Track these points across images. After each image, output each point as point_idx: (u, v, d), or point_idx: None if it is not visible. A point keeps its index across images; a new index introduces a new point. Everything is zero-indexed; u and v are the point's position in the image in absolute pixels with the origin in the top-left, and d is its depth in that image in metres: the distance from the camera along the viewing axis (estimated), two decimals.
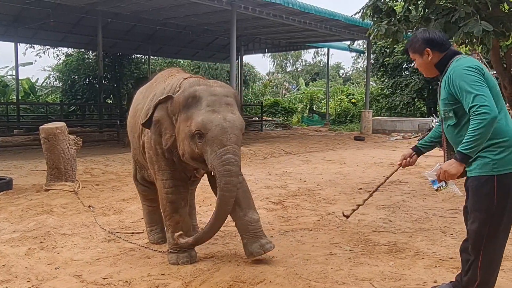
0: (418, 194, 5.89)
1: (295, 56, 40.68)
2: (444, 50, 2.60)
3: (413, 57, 2.74)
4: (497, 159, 2.38)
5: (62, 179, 6.17)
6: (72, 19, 16.22)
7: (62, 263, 3.48)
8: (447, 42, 2.64)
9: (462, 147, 2.33)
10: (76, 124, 17.14)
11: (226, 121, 2.99)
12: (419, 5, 6.26)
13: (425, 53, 2.61)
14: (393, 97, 20.81)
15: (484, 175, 2.41)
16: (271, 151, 11.30)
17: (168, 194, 3.38)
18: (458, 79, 2.40)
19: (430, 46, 2.60)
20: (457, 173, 2.37)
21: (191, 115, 3.03)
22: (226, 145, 2.94)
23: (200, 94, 3.07)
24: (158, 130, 3.24)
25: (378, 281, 3.06)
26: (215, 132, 2.95)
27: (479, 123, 2.26)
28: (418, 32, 2.73)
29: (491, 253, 2.47)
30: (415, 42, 2.67)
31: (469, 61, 2.48)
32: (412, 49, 2.70)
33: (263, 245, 3.32)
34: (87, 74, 21.82)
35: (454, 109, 2.49)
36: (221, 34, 17.61)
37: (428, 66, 2.66)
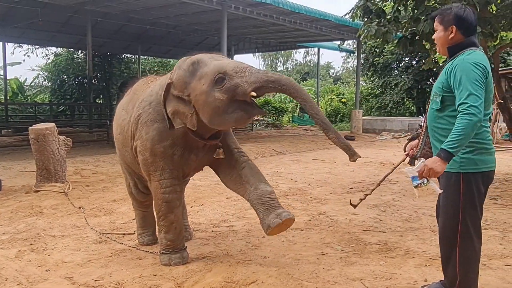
0: (408, 194, 5.93)
1: (286, 55, 40.74)
2: (467, 35, 2.52)
3: (436, 27, 2.62)
4: (465, 157, 2.44)
5: (52, 180, 6.12)
6: (61, 18, 16.10)
7: (53, 265, 3.45)
8: (475, 29, 2.56)
9: (447, 145, 2.32)
10: (66, 125, 17.03)
11: (232, 61, 3.17)
12: (409, 6, 6.31)
13: (450, 29, 2.52)
14: (383, 96, 20.94)
15: (452, 172, 2.46)
16: (262, 151, 11.31)
17: (165, 194, 3.35)
18: (461, 70, 2.38)
19: (458, 25, 2.51)
20: (442, 171, 2.36)
21: (201, 74, 3.08)
22: (247, 67, 3.04)
23: (199, 57, 3.17)
24: (179, 121, 3.16)
25: (369, 280, 3.08)
26: (232, 64, 3.05)
27: (467, 123, 2.28)
28: (454, 4, 2.61)
29: (466, 251, 2.50)
30: (446, 14, 2.55)
31: (479, 58, 2.43)
32: (439, 19, 2.58)
33: (279, 214, 3.06)
34: (77, 74, 21.68)
35: (444, 95, 2.49)
36: (211, 33, 17.59)
37: (445, 43, 2.57)
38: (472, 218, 2.50)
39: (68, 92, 21.71)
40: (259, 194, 3.17)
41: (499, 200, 5.57)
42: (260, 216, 3.16)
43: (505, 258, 3.48)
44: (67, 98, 21.49)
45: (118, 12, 13.77)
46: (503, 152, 10.78)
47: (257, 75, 2.96)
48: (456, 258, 2.52)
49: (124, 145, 3.70)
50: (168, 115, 3.19)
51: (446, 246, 2.58)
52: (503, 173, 7.48)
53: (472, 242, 2.51)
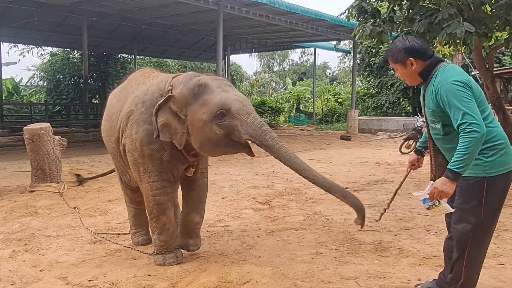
0: (403, 193, 5.93)
1: (282, 55, 40.79)
2: (427, 58, 2.53)
3: (395, 67, 2.63)
4: (489, 161, 2.40)
5: (47, 180, 6.11)
6: (57, 18, 16.03)
7: (47, 265, 3.45)
8: (429, 49, 2.57)
9: (453, 165, 2.29)
10: (61, 125, 16.97)
11: (238, 96, 3.12)
12: (403, 6, 6.33)
13: (409, 63, 2.54)
14: (379, 96, 20.96)
15: (474, 176, 2.42)
16: (258, 151, 11.24)
17: (155, 197, 3.34)
18: (447, 94, 2.36)
19: (412, 56, 2.52)
20: (452, 191, 2.34)
21: (205, 101, 3.06)
22: (251, 113, 3.04)
23: (206, 81, 3.15)
24: (167, 135, 3.17)
25: (363, 279, 3.09)
26: (238, 105, 3.03)
27: (469, 141, 2.25)
28: (397, 41, 2.63)
29: (476, 253, 2.50)
30: (396, 52, 2.57)
31: (456, 74, 2.42)
32: (393, 60, 2.59)
33: (187, 244, 3.59)
34: (72, 74, 21.59)
35: (442, 121, 2.47)
36: (207, 33, 17.55)
37: (412, 75, 2.58)
38: (490, 224, 2.48)
39: (64, 92, 21.61)
40: (188, 220, 3.59)
41: None
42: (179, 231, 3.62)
43: (498, 257, 3.50)
44: (62, 98, 21.40)
45: (114, 11, 13.72)
46: None
47: (256, 130, 3.00)
48: (464, 259, 2.50)
49: (109, 134, 3.71)
50: (157, 124, 3.17)
51: (459, 248, 2.53)
52: None
53: (483, 246, 2.51)
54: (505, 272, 3.21)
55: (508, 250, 3.67)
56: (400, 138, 14.06)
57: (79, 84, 21.05)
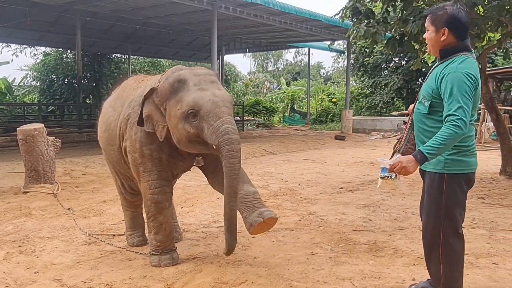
0: (397, 193, 5.98)
1: (276, 55, 40.81)
2: (461, 38, 2.47)
3: (427, 27, 2.54)
4: (450, 158, 2.47)
5: (41, 181, 6.08)
6: (50, 18, 15.95)
7: (42, 267, 3.43)
8: (467, 33, 2.50)
9: (425, 149, 2.34)
10: (55, 125, 16.87)
11: (216, 96, 3.02)
12: (397, 6, 6.36)
13: (442, 31, 2.46)
14: (373, 96, 21.06)
15: (436, 172, 2.50)
16: (252, 151, 11.33)
17: (154, 195, 3.36)
18: (453, 80, 2.36)
19: (450, 27, 2.44)
20: (413, 171, 2.40)
21: (180, 98, 3.04)
22: (220, 117, 2.96)
23: (185, 76, 3.10)
24: (150, 126, 3.20)
25: (358, 280, 3.11)
26: (208, 107, 2.96)
27: (451, 134, 2.30)
28: (449, 5, 2.49)
29: (449, 250, 2.53)
30: (439, 14, 2.47)
31: (471, 68, 2.41)
32: (431, 19, 2.50)
33: (261, 213, 3.10)
34: (66, 74, 21.47)
35: (432, 101, 2.49)
36: (201, 33, 17.54)
37: (436, 44, 2.52)
38: (454, 218, 2.53)
39: (58, 92, 21.48)
40: (242, 194, 3.18)
41: (486, 199, 5.63)
42: (243, 215, 3.18)
43: (492, 257, 3.53)
44: (56, 98, 21.28)
45: (108, 11, 13.68)
46: (491, 152, 10.90)
47: (217, 136, 2.91)
48: (438, 258, 2.55)
49: (110, 144, 3.71)
50: (142, 114, 3.20)
51: (428, 245, 2.62)
52: (491, 172, 7.56)
53: (454, 242, 2.54)
54: (498, 271, 3.23)
55: (501, 249, 3.70)
56: (394, 138, 14.13)
57: (73, 84, 20.94)
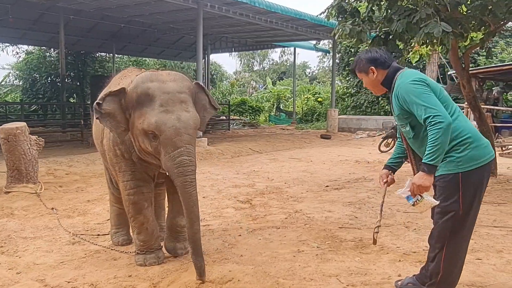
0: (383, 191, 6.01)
1: (262, 55, 40.80)
2: (386, 67, 2.69)
3: (360, 77, 2.82)
4: (461, 156, 2.47)
5: (23, 181, 5.98)
6: (32, 15, 15.72)
7: (24, 268, 3.37)
8: (389, 59, 2.73)
9: (426, 159, 2.39)
10: (38, 124, 16.60)
11: (180, 121, 2.92)
12: (382, 6, 6.40)
13: (370, 72, 2.71)
14: (358, 96, 21.20)
15: (449, 173, 2.49)
16: (238, 150, 11.31)
17: (130, 196, 3.34)
18: (406, 93, 2.50)
19: (373, 65, 2.70)
20: (430, 184, 2.43)
21: (144, 113, 2.96)
22: (179, 147, 2.90)
23: (153, 92, 2.97)
24: (108, 124, 3.10)
25: (344, 276, 3.12)
26: (169, 134, 2.89)
27: (437, 133, 2.34)
28: (360, 53, 2.85)
29: (454, 247, 2.55)
30: (359, 62, 2.77)
31: (412, 75, 2.57)
32: (358, 69, 2.79)
33: (175, 248, 3.56)
34: (49, 73, 21.22)
35: (409, 122, 2.58)
36: (187, 32, 17.46)
37: (374, 84, 2.75)
38: (468, 218, 2.53)
39: (40, 91, 21.23)
40: (174, 223, 3.57)
41: None
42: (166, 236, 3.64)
43: (476, 252, 3.57)
44: (39, 97, 21.01)
45: (92, 9, 13.52)
46: None
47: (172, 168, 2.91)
48: (443, 253, 2.55)
49: (96, 137, 3.73)
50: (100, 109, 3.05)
51: (438, 242, 2.58)
52: None
53: (462, 240, 2.56)
54: (482, 267, 3.27)
55: (485, 245, 3.75)
56: (379, 137, 14.24)
57: (56, 83, 20.70)
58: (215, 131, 17.43)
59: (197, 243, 2.96)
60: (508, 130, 12.77)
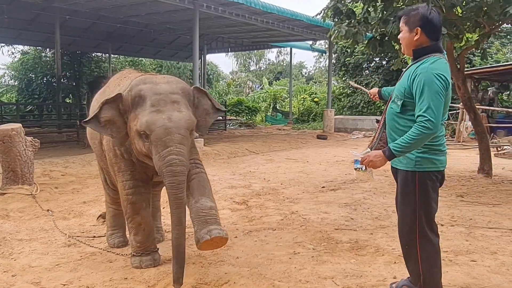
0: (379, 192, 6.04)
1: (258, 55, 40.79)
2: (433, 39, 2.52)
3: (401, 28, 2.60)
4: (420, 157, 2.52)
5: (19, 182, 5.96)
6: (28, 15, 15.65)
7: (20, 270, 3.36)
8: (440, 34, 2.55)
9: (394, 146, 2.43)
10: (33, 125, 16.55)
11: (171, 121, 2.91)
12: (378, 7, 6.42)
13: (415, 31, 2.51)
14: (354, 96, 21.25)
15: (408, 170, 2.56)
16: (235, 151, 11.31)
17: (128, 196, 3.34)
18: (425, 82, 2.39)
19: (423, 27, 2.49)
20: (380, 166, 2.51)
21: (137, 115, 2.99)
22: (169, 146, 2.89)
23: (145, 93, 3.00)
24: (109, 131, 3.12)
25: (340, 278, 3.12)
26: (159, 134, 2.89)
27: (420, 133, 2.36)
28: (421, 5, 2.57)
29: (426, 246, 2.58)
30: (412, 14, 2.53)
31: (443, 68, 2.44)
32: (405, 19, 2.56)
33: (210, 231, 2.96)
34: (45, 73, 21.14)
35: (405, 100, 2.53)
36: (183, 32, 17.43)
37: (409, 44, 2.57)
38: (427, 215, 2.58)
39: (36, 92, 21.15)
40: (198, 207, 3.08)
41: (465, 197, 5.73)
42: (195, 229, 3.07)
43: (470, 254, 3.58)
44: (35, 97, 20.94)
45: (88, 9, 13.48)
46: (469, 150, 11.10)
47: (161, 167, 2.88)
48: (417, 255, 2.59)
49: (92, 137, 3.73)
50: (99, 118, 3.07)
51: (405, 243, 2.66)
52: (469, 171, 7.70)
53: (430, 238, 2.59)
54: (477, 268, 3.29)
55: (479, 247, 3.77)
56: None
57: (52, 83, 20.62)
58: (212, 132, 17.42)
59: (179, 248, 2.87)
60: (503, 131, 12.84)
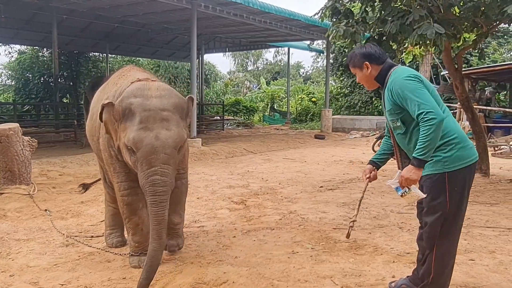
0: (377, 191, 6.05)
1: (256, 55, 40.79)
2: (381, 62, 2.72)
3: (354, 72, 2.85)
4: (448, 156, 2.51)
5: (16, 182, 5.95)
6: (25, 15, 15.61)
7: (17, 270, 3.35)
8: (384, 55, 2.76)
9: (416, 153, 2.43)
10: (31, 125, 16.48)
11: (158, 140, 2.88)
12: (376, 7, 6.42)
13: (364, 67, 2.73)
14: (352, 96, 21.27)
15: (436, 173, 2.54)
16: (233, 151, 11.30)
17: (124, 197, 3.34)
18: (400, 88, 2.52)
19: (368, 60, 2.72)
20: (417, 178, 2.48)
21: (126, 128, 2.97)
22: (154, 166, 2.88)
23: (134, 108, 2.95)
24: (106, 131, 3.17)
25: (339, 278, 3.12)
26: (144, 152, 2.88)
27: (429, 128, 2.38)
28: (355, 48, 2.89)
29: (445, 247, 2.59)
30: (354, 57, 2.80)
31: (406, 71, 2.60)
32: (352, 64, 2.82)
33: (168, 245, 3.50)
34: (42, 73, 21.08)
35: (401, 118, 2.60)
36: (181, 32, 17.42)
37: (368, 79, 2.77)
38: (456, 218, 2.57)
39: (33, 91, 21.09)
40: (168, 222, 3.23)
41: None
42: None
43: (469, 253, 3.59)
44: (32, 97, 20.87)
45: (85, 9, 13.46)
46: None
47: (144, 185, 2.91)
48: (433, 254, 2.59)
49: (91, 134, 3.72)
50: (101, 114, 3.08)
51: (428, 243, 2.62)
52: None
53: (451, 241, 2.60)
54: (475, 267, 3.29)
55: (477, 246, 3.78)
56: (372, 137, 14.29)
57: (49, 83, 20.58)
58: (209, 131, 17.41)
59: (154, 260, 2.82)
60: (501, 130, 12.86)
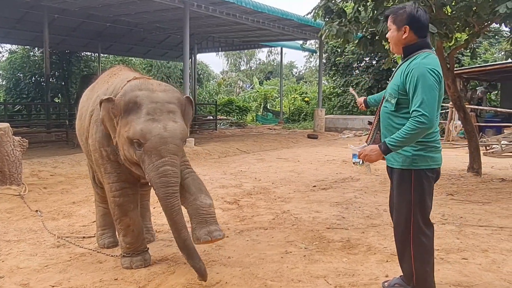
0: (370, 191, 6.05)
1: (249, 55, 40.82)
2: (421, 36, 2.54)
3: (389, 27, 2.62)
4: (417, 154, 2.53)
5: (7, 183, 5.88)
6: (16, 14, 15.47)
7: (7, 272, 3.31)
8: (427, 29, 2.58)
9: (389, 141, 2.45)
10: (22, 125, 16.37)
11: (167, 131, 2.88)
12: (368, 6, 6.43)
13: (402, 30, 2.53)
14: (345, 95, 21.33)
15: (404, 168, 2.57)
16: (226, 150, 11.28)
17: (115, 198, 3.29)
18: (418, 77, 2.40)
19: (411, 25, 2.51)
20: (376, 160, 2.55)
21: (130, 121, 2.93)
22: (164, 156, 2.86)
23: (141, 100, 2.94)
24: (104, 129, 3.14)
25: (332, 277, 3.12)
26: (154, 143, 2.85)
27: (415, 128, 2.37)
28: (407, 3, 2.61)
29: (420, 244, 2.59)
30: (399, 13, 2.55)
31: (435, 63, 2.47)
32: (392, 18, 2.58)
33: (211, 232, 3.00)
34: (33, 72, 20.94)
35: (399, 98, 2.55)
36: (174, 32, 17.37)
37: (398, 42, 2.59)
38: (423, 212, 2.59)
39: (24, 91, 20.94)
40: (198, 205, 3.09)
41: (455, 195, 5.76)
42: (193, 226, 3.08)
43: (461, 252, 3.60)
44: (23, 97, 20.73)
45: (77, 8, 13.38)
46: (458, 149, 11.19)
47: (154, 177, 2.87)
48: (410, 254, 2.60)
49: (80, 133, 3.68)
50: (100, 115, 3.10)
51: (401, 241, 2.67)
52: (459, 170, 7.75)
53: (424, 236, 2.60)
54: (468, 266, 3.30)
55: (470, 245, 3.78)
56: (365, 136, 14.30)
57: (41, 82, 20.45)
58: (202, 131, 17.37)
59: (190, 249, 2.92)
60: (492, 130, 12.95)
